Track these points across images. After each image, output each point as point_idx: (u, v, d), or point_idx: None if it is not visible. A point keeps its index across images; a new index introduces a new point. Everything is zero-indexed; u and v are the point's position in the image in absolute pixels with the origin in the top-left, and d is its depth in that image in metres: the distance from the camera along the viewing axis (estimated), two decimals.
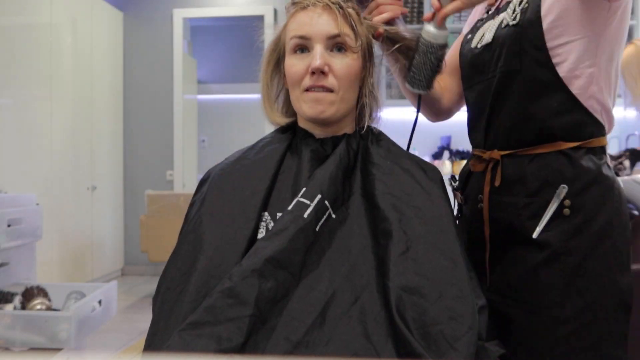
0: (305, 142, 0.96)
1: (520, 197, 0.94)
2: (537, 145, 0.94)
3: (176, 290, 0.84)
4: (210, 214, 0.90)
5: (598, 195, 0.91)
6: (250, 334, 0.73)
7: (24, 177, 3.24)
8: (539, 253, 0.91)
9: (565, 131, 0.92)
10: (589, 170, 0.91)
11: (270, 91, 1.02)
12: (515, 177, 0.95)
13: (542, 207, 0.92)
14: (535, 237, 0.91)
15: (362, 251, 0.83)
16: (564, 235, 0.90)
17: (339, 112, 0.93)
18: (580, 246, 0.90)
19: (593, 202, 0.91)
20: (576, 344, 0.89)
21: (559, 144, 0.92)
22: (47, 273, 3.25)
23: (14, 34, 3.18)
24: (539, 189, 0.93)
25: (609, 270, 0.90)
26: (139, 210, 4.28)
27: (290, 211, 0.83)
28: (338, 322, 0.76)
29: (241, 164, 0.96)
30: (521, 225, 0.93)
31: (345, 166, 0.91)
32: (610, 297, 0.90)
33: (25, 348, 1.58)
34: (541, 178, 0.92)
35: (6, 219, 1.86)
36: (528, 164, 0.94)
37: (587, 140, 0.92)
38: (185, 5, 4.39)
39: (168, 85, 4.40)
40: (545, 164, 0.93)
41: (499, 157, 0.97)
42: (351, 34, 0.92)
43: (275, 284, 0.77)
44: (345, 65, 0.91)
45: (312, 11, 0.92)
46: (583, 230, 0.90)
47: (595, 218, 0.90)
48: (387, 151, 0.95)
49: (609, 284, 0.90)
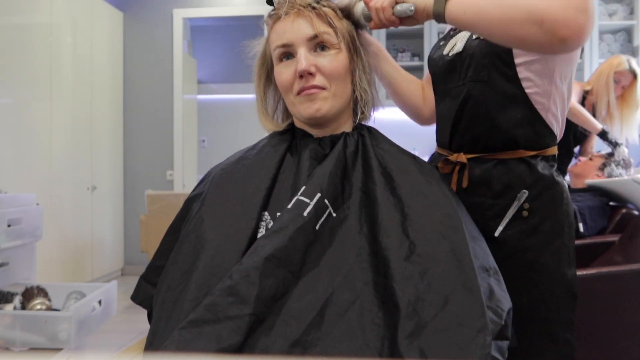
0: (304, 142, 0.97)
1: (486, 198, 1.04)
2: (502, 152, 1.03)
3: (177, 289, 0.84)
4: (211, 213, 0.90)
5: (551, 199, 1.02)
6: (249, 332, 0.73)
7: (24, 177, 3.24)
8: (499, 250, 0.97)
9: (527, 141, 1.02)
10: (545, 177, 1.02)
11: (265, 104, 1.05)
12: (481, 180, 1.05)
13: (504, 209, 1.02)
14: (497, 236, 1.02)
15: (362, 250, 0.83)
16: (522, 234, 1.01)
17: (334, 107, 0.95)
18: (535, 244, 1.01)
19: (547, 205, 1.02)
20: (532, 328, 1.01)
21: (520, 151, 1.02)
22: (47, 273, 3.25)
23: (14, 34, 3.17)
24: (502, 192, 1.03)
25: (559, 265, 1.02)
26: (139, 210, 4.28)
27: (289, 209, 0.84)
28: (336, 321, 0.76)
29: (242, 164, 0.97)
30: (485, 224, 1.02)
31: (343, 164, 0.91)
32: (560, 288, 1.02)
33: (25, 348, 1.58)
34: (504, 182, 1.03)
35: (6, 219, 1.86)
36: (493, 168, 1.04)
37: (543, 150, 1.03)
38: (185, 5, 4.39)
39: (168, 85, 4.40)
40: (508, 169, 1.03)
41: (465, 160, 1.06)
42: (330, 31, 0.95)
43: (275, 282, 0.77)
44: (331, 62, 0.94)
45: (287, 19, 0.95)
46: (538, 230, 1.01)
47: (548, 219, 1.02)
48: (386, 149, 0.96)
49: (559, 277, 1.02)
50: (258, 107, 1.05)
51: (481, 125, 1.04)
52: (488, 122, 1.03)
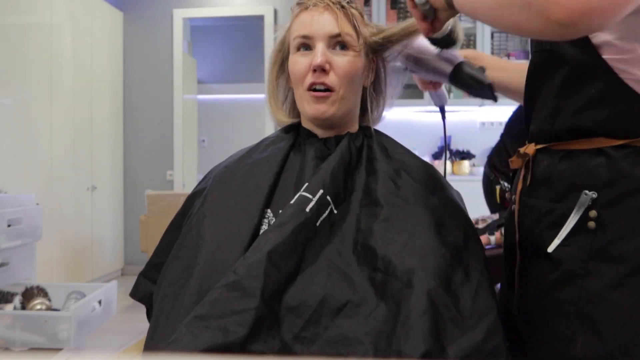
0: (309, 142, 0.97)
1: (545, 201, 0.80)
2: (571, 141, 0.78)
3: (178, 284, 0.85)
4: (213, 210, 0.91)
5: (638, 209, 0.73)
6: (255, 325, 0.73)
7: (24, 177, 3.24)
8: (552, 271, 0.77)
9: (605, 125, 0.75)
10: (632, 176, 0.73)
11: (277, 91, 1.04)
12: (542, 177, 0.82)
13: (564, 216, 0.77)
14: (550, 252, 0.77)
15: (360, 247, 0.83)
16: (585, 253, 0.75)
17: (340, 111, 0.94)
18: (606, 272, 0.73)
19: (631, 218, 0.73)
20: None
21: (598, 140, 0.75)
22: (47, 273, 3.25)
23: (14, 34, 3.17)
24: (565, 194, 0.78)
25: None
26: (139, 210, 4.27)
27: (292, 205, 0.84)
28: (334, 317, 0.76)
29: (245, 162, 0.97)
30: (540, 234, 0.80)
31: (347, 163, 0.91)
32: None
33: (25, 348, 1.58)
34: (569, 180, 0.77)
35: (6, 219, 1.86)
36: (559, 162, 0.79)
37: (636, 138, 0.74)
38: (185, 5, 4.38)
39: (168, 85, 4.40)
40: (578, 163, 0.77)
41: (533, 152, 0.84)
42: (353, 33, 0.94)
43: (279, 276, 0.78)
44: (346, 63, 0.93)
45: (314, 11, 0.94)
46: (611, 252, 0.73)
47: (631, 238, 0.73)
48: (391, 150, 0.96)
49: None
50: (268, 92, 1.04)
51: (547, 105, 0.81)
52: (554, 102, 0.80)
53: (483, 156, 3.87)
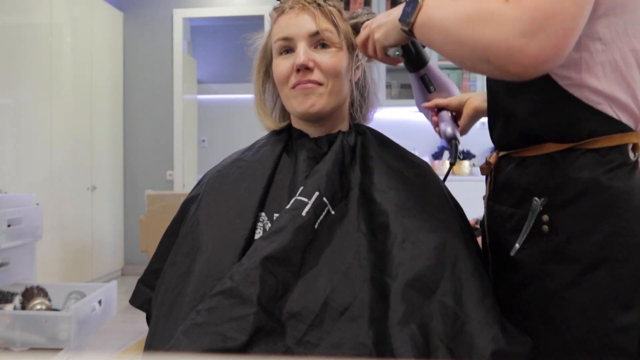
0: (301, 142, 0.97)
1: (506, 207, 0.84)
2: (524, 148, 0.81)
3: (174, 292, 0.85)
4: (207, 215, 0.91)
5: (589, 210, 0.75)
6: (254, 332, 0.73)
7: (24, 177, 3.24)
8: (515, 274, 0.81)
9: (551, 131, 0.77)
10: (578, 179, 0.75)
11: (264, 98, 1.04)
12: (503, 184, 0.86)
13: (522, 221, 0.79)
14: (512, 255, 0.80)
15: (360, 247, 0.83)
16: (541, 255, 0.78)
17: (329, 105, 0.94)
18: (560, 272, 0.76)
19: (582, 219, 0.75)
20: None
21: (547, 145, 0.78)
22: (47, 273, 3.25)
23: (14, 34, 3.17)
24: (520, 199, 0.81)
25: (601, 306, 0.74)
26: (139, 210, 4.27)
27: (288, 210, 0.84)
28: (337, 320, 0.76)
29: (237, 165, 0.97)
30: (505, 238, 0.83)
31: (341, 162, 0.91)
32: (599, 339, 0.74)
33: (25, 348, 1.58)
34: (523, 187, 0.81)
35: (6, 219, 1.86)
36: (514, 168, 0.83)
37: (585, 141, 0.75)
38: (185, 5, 4.38)
39: (168, 85, 4.40)
40: (531, 170, 0.80)
41: (494, 159, 0.89)
42: (333, 29, 0.94)
43: (275, 282, 0.77)
44: (329, 59, 0.93)
45: (291, 13, 0.94)
46: (564, 252, 0.76)
47: (583, 239, 0.75)
48: (384, 147, 0.96)
49: (599, 323, 0.74)
50: (255, 100, 1.04)
51: (500, 115, 0.84)
52: (503, 111, 0.83)
53: (483, 156, 3.87)
